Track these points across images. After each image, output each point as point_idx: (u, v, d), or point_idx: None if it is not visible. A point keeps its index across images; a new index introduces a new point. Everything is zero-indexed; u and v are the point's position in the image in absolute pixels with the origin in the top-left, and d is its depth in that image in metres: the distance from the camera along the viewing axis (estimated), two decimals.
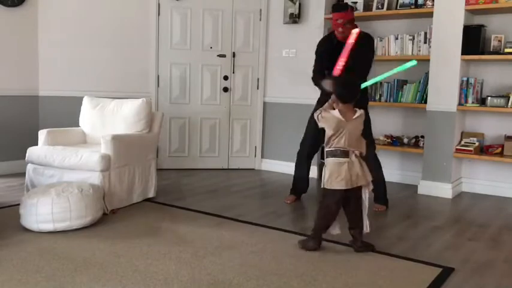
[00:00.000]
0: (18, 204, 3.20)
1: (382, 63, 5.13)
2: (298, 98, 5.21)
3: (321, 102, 3.61)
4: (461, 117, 4.57)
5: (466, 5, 4.27)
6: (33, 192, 3.17)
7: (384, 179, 3.93)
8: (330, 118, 2.80)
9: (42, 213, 3.00)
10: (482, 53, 4.33)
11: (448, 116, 4.42)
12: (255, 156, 5.64)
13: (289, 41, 5.31)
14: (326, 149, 2.84)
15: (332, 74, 3.30)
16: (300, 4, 5.20)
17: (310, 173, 4.16)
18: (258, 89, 5.54)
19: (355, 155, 2.80)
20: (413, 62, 3.16)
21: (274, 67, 5.40)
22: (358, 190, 2.86)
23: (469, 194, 4.59)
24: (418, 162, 4.83)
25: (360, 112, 2.86)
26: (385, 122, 5.16)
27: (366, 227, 2.91)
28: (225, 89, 5.45)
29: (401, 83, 4.85)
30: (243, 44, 5.42)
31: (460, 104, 4.42)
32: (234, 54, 5.42)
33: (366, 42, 3.66)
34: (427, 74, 4.61)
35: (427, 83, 4.58)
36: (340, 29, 3.63)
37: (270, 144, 5.55)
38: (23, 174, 4.02)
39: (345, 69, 3.32)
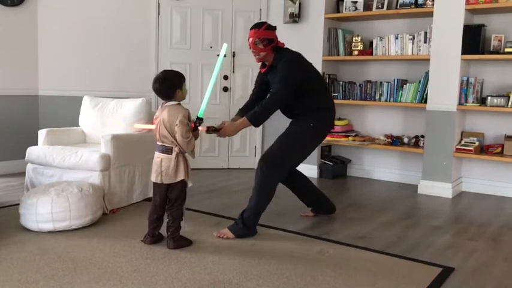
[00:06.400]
0: (18, 204, 3.20)
1: (382, 63, 5.13)
2: None
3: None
4: (461, 117, 4.57)
5: (466, 4, 4.26)
6: (33, 192, 3.17)
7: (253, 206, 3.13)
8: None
9: (42, 212, 3.00)
10: (482, 53, 4.33)
11: (448, 116, 4.42)
12: (255, 155, 5.63)
13: (289, 41, 5.23)
14: None
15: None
16: (300, 4, 5.20)
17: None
18: None
19: (177, 152, 2.81)
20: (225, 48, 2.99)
21: None
22: (171, 186, 2.86)
23: (469, 194, 4.59)
24: (418, 162, 4.83)
25: (166, 104, 2.84)
26: (385, 121, 5.16)
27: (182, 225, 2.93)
28: (225, 89, 5.45)
29: (401, 83, 4.85)
30: (243, 43, 5.42)
31: (460, 103, 4.42)
32: (234, 54, 5.41)
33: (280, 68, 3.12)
34: (427, 73, 4.61)
35: (427, 83, 4.57)
36: (251, 50, 3.20)
37: (270, 143, 5.53)
38: (22, 174, 4.02)
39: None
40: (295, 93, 3.11)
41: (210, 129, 3.06)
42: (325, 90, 3.34)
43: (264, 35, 3.14)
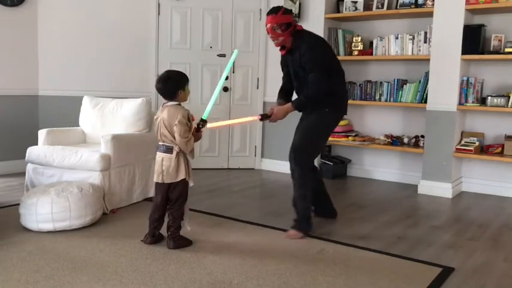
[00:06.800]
0: (18, 204, 3.19)
1: (382, 63, 5.13)
2: None
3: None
4: (461, 117, 4.57)
5: (466, 4, 4.26)
6: (33, 192, 3.17)
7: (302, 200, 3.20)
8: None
9: (42, 212, 3.00)
10: (483, 53, 4.33)
11: (448, 116, 4.42)
12: (255, 155, 5.64)
13: None
14: None
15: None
16: (300, 4, 5.19)
17: None
18: (258, 88, 5.54)
19: (177, 151, 2.81)
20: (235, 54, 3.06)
21: (274, 67, 5.38)
22: (172, 186, 2.86)
23: (469, 194, 4.59)
24: (418, 162, 4.83)
25: (166, 105, 2.85)
26: (385, 121, 5.16)
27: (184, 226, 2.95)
28: (225, 89, 5.44)
29: (401, 83, 4.85)
30: (243, 43, 5.42)
31: (460, 103, 4.41)
32: None
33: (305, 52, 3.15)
34: (427, 73, 4.61)
35: (427, 83, 4.57)
36: (269, 35, 3.23)
37: (270, 143, 5.55)
38: (22, 174, 4.02)
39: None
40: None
41: (263, 117, 3.25)
42: (341, 75, 3.37)
43: (281, 20, 3.16)
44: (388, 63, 5.09)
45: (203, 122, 2.88)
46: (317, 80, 3.13)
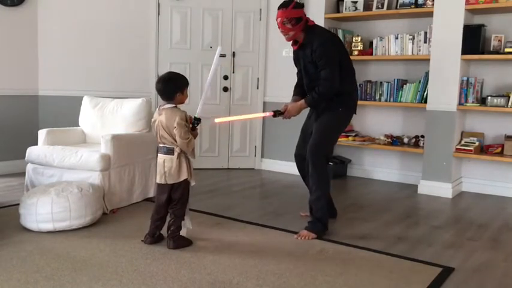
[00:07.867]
0: (18, 204, 3.19)
1: (382, 63, 5.13)
2: None
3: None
4: (461, 117, 4.57)
5: (466, 4, 4.26)
6: (32, 192, 3.17)
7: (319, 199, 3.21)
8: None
9: (42, 212, 3.00)
10: (482, 53, 4.33)
11: (448, 116, 4.42)
12: (255, 155, 5.63)
13: None
14: None
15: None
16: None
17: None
18: (258, 88, 5.54)
19: (178, 152, 2.82)
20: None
21: (274, 67, 5.40)
22: (174, 186, 2.86)
23: (469, 194, 4.59)
24: (418, 162, 4.83)
25: (163, 107, 2.85)
26: (385, 121, 5.16)
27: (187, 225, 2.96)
28: (225, 89, 5.44)
29: (401, 83, 4.85)
30: (243, 43, 5.42)
31: (460, 103, 4.42)
32: (234, 54, 5.41)
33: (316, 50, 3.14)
34: (427, 73, 4.61)
35: (427, 83, 4.57)
36: (280, 30, 3.20)
37: (270, 143, 5.55)
38: (22, 174, 4.02)
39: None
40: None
41: (276, 113, 3.27)
42: (352, 74, 3.36)
43: (291, 14, 3.13)
44: (388, 63, 5.09)
45: (197, 120, 2.89)
46: (330, 77, 3.11)
